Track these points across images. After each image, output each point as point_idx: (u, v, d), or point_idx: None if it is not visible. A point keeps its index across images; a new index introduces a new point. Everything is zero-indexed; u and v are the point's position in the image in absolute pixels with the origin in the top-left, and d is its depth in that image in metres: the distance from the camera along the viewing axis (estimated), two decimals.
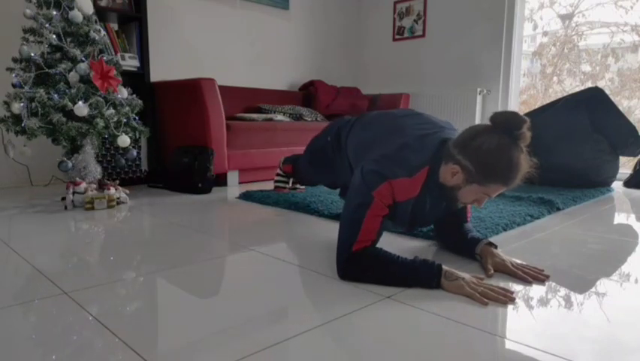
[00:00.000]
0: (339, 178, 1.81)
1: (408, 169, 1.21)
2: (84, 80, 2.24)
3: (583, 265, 1.36)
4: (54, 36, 2.21)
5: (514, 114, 1.12)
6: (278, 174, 2.51)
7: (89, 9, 2.30)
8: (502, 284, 1.16)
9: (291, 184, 2.56)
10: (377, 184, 1.18)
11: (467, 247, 1.37)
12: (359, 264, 1.17)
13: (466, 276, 1.13)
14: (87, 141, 2.34)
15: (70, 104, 2.15)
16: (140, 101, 2.47)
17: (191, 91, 2.79)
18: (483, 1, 3.82)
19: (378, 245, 1.21)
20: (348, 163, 1.63)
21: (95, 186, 2.24)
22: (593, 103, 2.71)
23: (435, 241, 1.58)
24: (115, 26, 2.98)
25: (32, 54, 2.17)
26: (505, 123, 1.12)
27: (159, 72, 3.20)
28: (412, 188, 1.21)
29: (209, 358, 0.81)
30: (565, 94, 3.04)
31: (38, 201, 2.34)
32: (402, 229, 1.64)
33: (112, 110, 2.29)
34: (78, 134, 2.20)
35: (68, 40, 2.26)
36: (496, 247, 1.33)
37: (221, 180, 2.93)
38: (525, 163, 1.13)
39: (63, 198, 2.30)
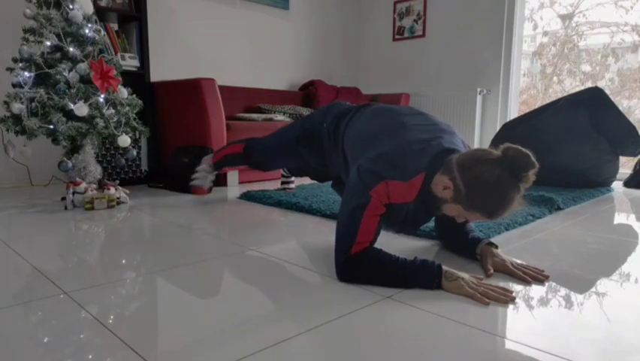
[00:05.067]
0: (331, 168, 1.75)
1: (403, 173, 1.19)
2: (84, 80, 2.24)
3: (583, 265, 1.36)
4: (54, 36, 2.21)
5: (527, 156, 1.07)
6: (197, 170, 2.37)
7: (89, 9, 2.30)
8: (502, 284, 1.16)
9: (290, 185, 2.56)
10: (374, 183, 1.17)
11: (468, 247, 1.38)
12: (358, 266, 1.16)
13: (466, 276, 1.13)
14: (87, 141, 2.34)
15: (70, 104, 2.15)
16: (140, 101, 2.47)
17: (191, 91, 2.79)
18: (483, 1, 3.82)
19: (378, 245, 1.21)
20: (343, 154, 1.58)
21: (95, 186, 2.24)
22: (593, 103, 2.71)
23: (436, 241, 1.58)
24: (115, 26, 2.98)
25: (32, 54, 2.17)
26: (513, 160, 1.08)
27: (159, 72, 3.20)
28: (407, 193, 1.19)
29: (209, 358, 0.81)
30: (565, 94, 3.04)
31: (38, 201, 2.34)
32: (391, 231, 1.62)
33: (112, 110, 2.29)
34: (78, 134, 2.20)
35: (68, 40, 2.26)
36: (496, 247, 1.33)
37: (221, 180, 2.93)
38: (517, 203, 1.12)
39: (63, 198, 2.30)
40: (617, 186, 2.96)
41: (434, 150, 1.23)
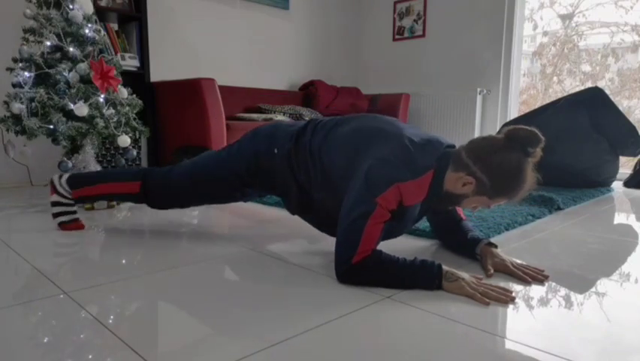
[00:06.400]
0: (293, 194, 1.47)
1: (414, 171, 1.17)
2: (84, 80, 2.24)
3: (583, 265, 1.36)
4: (54, 36, 2.21)
5: (534, 133, 1.13)
6: (58, 203, 1.71)
7: (89, 9, 2.30)
8: (502, 284, 1.16)
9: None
10: (383, 188, 1.14)
11: (467, 247, 1.37)
12: (359, 274, 1.15)
13: (466, 276, 1.13)
14: (87, 141, 2.34)
15: (70, 104, 2.15)
16: (140, 101, 2.47)
17: (191, 91, 2.79)
18: (483, 1, 3.82)
19: (377, 247, 1.20)
20: (313, 169, 1.38)
21: None
22: (593, 103, 2.71)
23: (436, 241, 1.58)
24: (115, 26, 2.98)
25: (32, 54, 2.17)
26: (522, 140, 1.14)
27: (159, 72, 3.20)
28: (419, 191, 1.18)
29: (209, 358, 0.81)
30: (565, 94, 3.04)
31: (38, 201, 2.34)
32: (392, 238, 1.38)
33: (112, 110, 2.29)
34: (78, 134, 2.20)
35: (68, 40, 2.26)
36: (496, 246, 1.33)
37: None
38: (532, 181, 1.17)
39: None
40: (617, 186, 2.96)
41: (439, 147, 1.24)
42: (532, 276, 1.22)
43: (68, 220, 1.74)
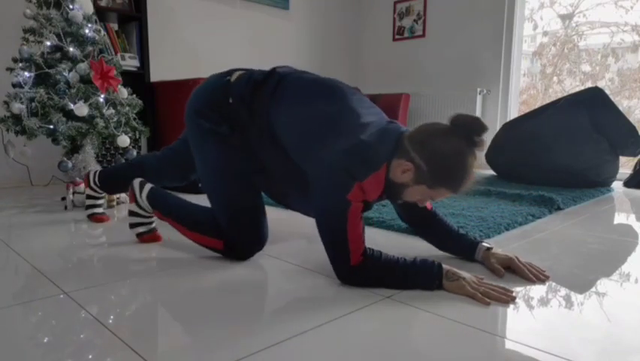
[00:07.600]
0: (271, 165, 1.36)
1: (375, 164, 1.12)
2: (84, 80, 2.24)
3: (583, 265, 1.36)
4: (54, 36, 2.21)
5: (477, 119, 1.07)
6: (136, 213, 1.56)
7: (89, 9, 2.30)
8: (502, 284, 1.16)
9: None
10: (349, 186, 1.09)
11: (464, 251, 1.36)
12: (360, 275, 1.14)
13: (467, 276, 1.12)
14: (87, 141, 2.34)
15: (70, 104, 2.15)
16: (140, 101, 2.47)
17: (191, 91, 2.78)
18: (483, 1, 3.82)
19: (379, 247, 1.20)
20: (268, 136, 1.29)
21: None
22: (593, 103, 2.71)
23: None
24: (115, 26, 2.98)
25: (32, 54, 2.17)
26: (466, 127, 1.08)
27: (159, 72, 3.20)
28: (377, 185, 1.13)
29: (209, 358, 0.81)
30: (565, 94, 3.04)
31: (38, 201, 2.34)
32: None
33: (112, 110, 2.29)
34: (78, 134, 2.20)
35: (68, 40, 2.26)
36: (492, 248, 1.31)
37: None
38: (473, 171, 1.11)
39: (63, 198, 2.30)
40: (617, 186, 2.96)
41: (394, 134, 1.16)
42: (535, 275, 1.22)
43: (146, 231, 1.60)
